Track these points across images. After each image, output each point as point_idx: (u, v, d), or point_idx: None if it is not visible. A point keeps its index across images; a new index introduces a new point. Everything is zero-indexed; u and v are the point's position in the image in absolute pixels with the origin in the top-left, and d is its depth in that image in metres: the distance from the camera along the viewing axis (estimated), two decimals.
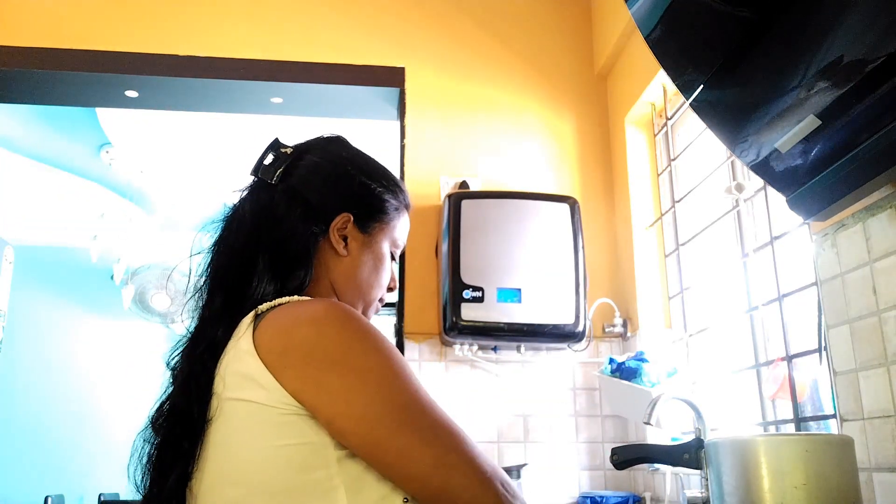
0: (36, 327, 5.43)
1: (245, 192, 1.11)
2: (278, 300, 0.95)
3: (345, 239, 1.09)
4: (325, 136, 1.17)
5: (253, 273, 1.02)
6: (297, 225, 1.05)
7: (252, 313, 0.94)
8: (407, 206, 1.19)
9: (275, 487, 0.85)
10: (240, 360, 0.90)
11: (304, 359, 0.87)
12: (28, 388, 5.31)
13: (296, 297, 0.97)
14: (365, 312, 1.14)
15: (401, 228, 1.17)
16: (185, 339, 1.03)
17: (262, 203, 1.07)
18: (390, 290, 1.17)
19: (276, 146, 1.11)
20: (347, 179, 1.11)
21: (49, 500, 4.78)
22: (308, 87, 2.58)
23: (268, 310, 0.94)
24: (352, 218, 1.09)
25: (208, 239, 1.09)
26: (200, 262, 1.08)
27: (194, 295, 1.06)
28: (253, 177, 1.11)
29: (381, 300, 1.17)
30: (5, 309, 4.41)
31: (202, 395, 0.93)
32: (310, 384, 0.86)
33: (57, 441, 5.25)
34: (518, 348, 2.32)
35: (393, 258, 1.16)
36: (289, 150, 1.11)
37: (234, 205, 1.11)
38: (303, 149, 1.12)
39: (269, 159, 1.10)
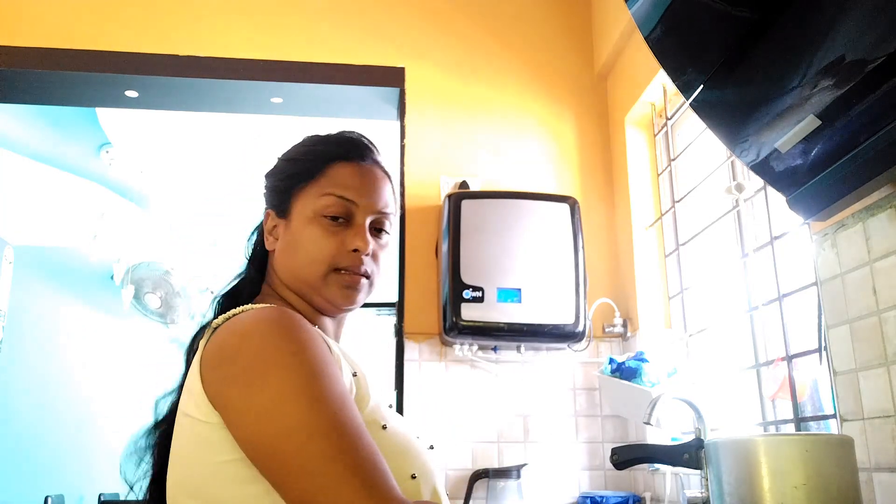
0: (36, 327, 5.43)
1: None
2: (232, 311, 0.92)
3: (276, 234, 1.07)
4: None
5: None
6: (251, 245, 1.12)
7: (210, 328, 0.92)
8: (340, 157, 1.04)
9: (224, 499, 0.83)
10: (190, 374, 0.89)
11: (224, 370, 0.84)
12: (28, 388, 5.31)
13: (249, 306, 0.92)
14: (320, 293, 1.00)
15: (327, 182, 1.01)
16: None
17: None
18: (356, 251, 1.00)
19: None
20: (267, 177, 1.11)
21: (49, 500, 4.78)
22: (308, 87, 2.58)
23: (221, 322, 0.90)
24: (273, 212, 1.07)
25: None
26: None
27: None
28: None
29: (344, 270, 1.00)
30: (5, 309, 4.42)
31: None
32: (224, 396, 0.83)
33: (57, 441, 5.25)
34: (518, 348, 2.32)
35: (330, 217, 1.00)
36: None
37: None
38: None
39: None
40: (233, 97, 2.67)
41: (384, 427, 0.91)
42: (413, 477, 0.90)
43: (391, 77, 2.59)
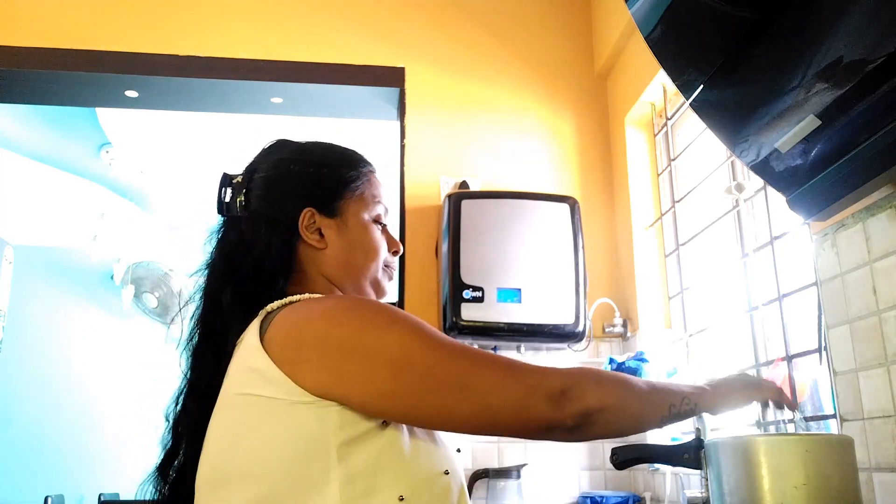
0: (36, 327, 5.43)
1: (217, 235, 1.12)
2: (288, 298, 0.97)
3: (319, 232, 1.08)
4: (266, 146, 1.17)
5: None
6: (267, 242, 1.05)
7: (262, 312, 0.96)
8: (371, 169, 1.17)
9: (271, 479, 0.85)
10: (248, 356, 0.91)
11: (321, 351, 0.88)
12: (28, 387, 5.31)
13: (306, 295, 0.98)
14: (377, 288, 1.13)
15: (370, 191, 1.14)
16: (182, 388, 1.06)
17: (232, 239, 1.09)
18: (395, 253, 1.16)
19: (226, 180, 1.11)
20: (295, 177, 1.11)
21: (49, 500, 4.78)
22: (308, 87, 2.58)
23: (278, 308, 0.95)
24: (314, 210, 1.08)
25: (194, 285, 1.10)
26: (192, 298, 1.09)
27: (188, 343, 1.07)
28: (221, 216, 1.11)
29: (388, 267, 1.15)
30: (5, 309, 4.42)
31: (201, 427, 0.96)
32: (333, 375, 0.87)
33: (57, 441, 5.25)
34: (518, 348, 2.32)
35: (379, 221, 1.14)
36: (240, 178, 1.11)
37: (211, 250, 1.11)
38: (251, 169, 1.13)
39: (226, 195, 1.11)
40: (233, 97, 2.67)
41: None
42: (446, 472, 0.94)
43: (391, 77, 2.59)
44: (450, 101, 2.60)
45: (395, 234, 1.38)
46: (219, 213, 1.11)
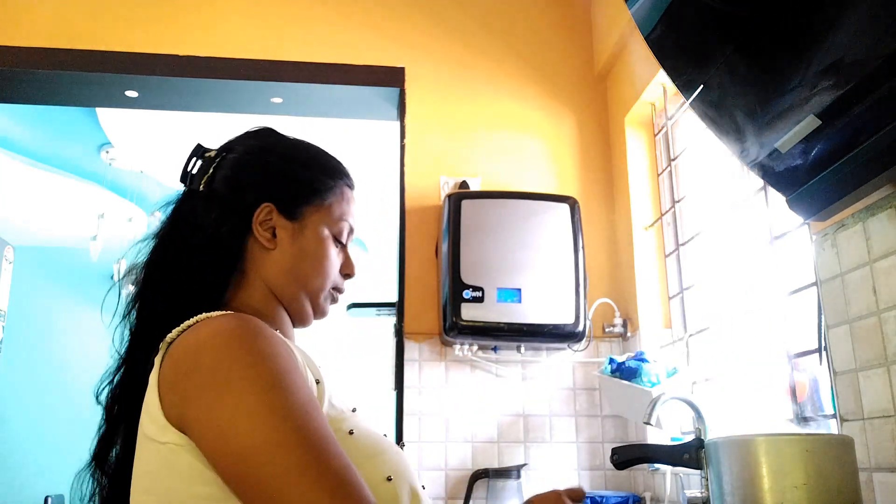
0: (36, 327, 5.43)
1: (173, 205, 1.04)
2: (186, 322, 0.87)
3: (273, 231, 1.00)
4: (251, 129, 1.10)
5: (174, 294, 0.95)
6: (216, 228, 0.97)
7: (164, 343, 0.88)
8: (348, 185, 1.09)
9: None
10: (148, 394, 0.85)
11: (183, 388, 0.80)
12: (28, 387, 5.31)
13: (203, 316, 0.88)
14: (314, 306, 1.04)
15: (340, 206, 1.06)
16: (114, 368, 0.99)
17: (183, 213, 1.01)
18: (347, 276, 1.08)
19: (199, 151, 1.05)
20: (266, 167, 1.03)
21: (49, 500, 4.78)
22: (308, 87, 2.58)
23: (177, 335, 0.86)
24: (274, 207, 1.00)
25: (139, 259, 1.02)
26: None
27: (123, 319, 1.00)
28: (183, 185, 1.04)
29: (336, 290, 1.07)
30: (5, 309, 4.42)
31: (125, 432, 0.92)
32: (185, 417, 0.79)
33: (57, 441, 5.25)
34: (518, 348, 2.32)
35: (339, 240, 1.05)
36: (212, 153, 1.04)
37: (162, 219, 1.04)
38: (226, 147, 1.06)
39: (194, 166, 1.04)
40: (233, 97, 2.67)
41: (351, 433, 0.88)
42: (389, 479, 0.87)
43: (391, 77, 2.59)
44: (450, 100, 2.60)
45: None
46: (181, 181, 1.04)
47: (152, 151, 4.22)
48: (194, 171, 1.04)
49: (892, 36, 0.95)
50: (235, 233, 0.99)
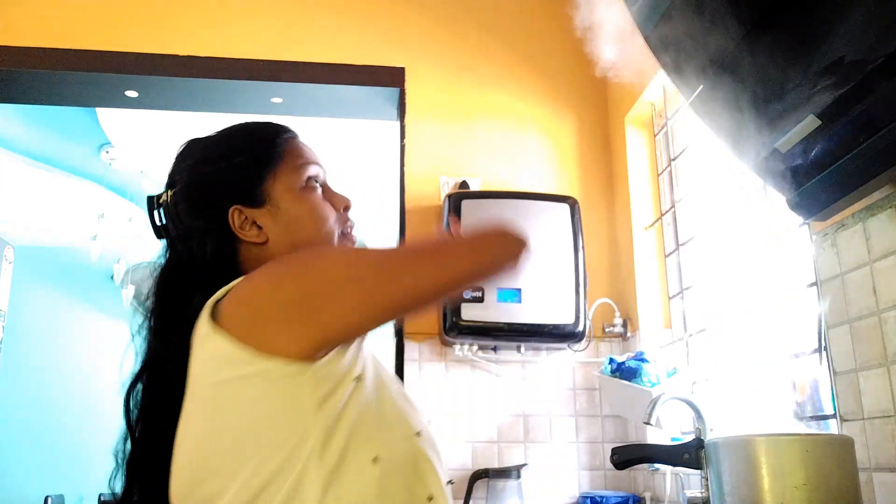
0: (36, 327, 5.43)
1: (164, 258, 1.06)
2: (231, 284, 0.91)
3: (257, 226, 1.01)
4: (177, 153, 1.09)
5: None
6: (204, 254, 0.99)
7: (208, 305, 0.89)
8: (287, 136, 1.07)
9: (253, 462, 0.81)
10: (207, 345, 0.86)
11: (281, 310, 0.84)
12: (28, 387, 5.31)
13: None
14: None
15: (292, 159, 1.05)
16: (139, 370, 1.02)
17: (175, 261, 1.03)
18: (346, 209, 1.09)
19: (153, 203, 1.06)
20: (209, 180, 1.03)
21: (49, 500, 4.78)
22: (308, 87, 2.58)
23: (223, 294, 0.90)
24: (240, 206, 1.01)
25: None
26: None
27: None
28: (161, 239, 1.06)
29: (346, 224, 1.08)
30: (5, 309, 4.42)
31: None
32: (304, 325, 0.83)
33: (57, 441, 5.25)
34: (518, 348, 2.32)
35: (315, 183, 1.05)
36: (164, 196, 1.05)
37: (156, 276, 1.05)
38: (170, 184, 1.06)
39: (160, 218, 1.05)
40: (233, 97, 2.66)
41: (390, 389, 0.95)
42: (418, 434, 0.91)
43: (391, 77, 2.59)
44: (450, 100, 2.59)
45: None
46: (158, 238, 1.05)
47: (152, 151, 4.21)
48: (164, 222, 1.05)
49: (892, 36, 0.95)
50: (225, 249, 1.00)
